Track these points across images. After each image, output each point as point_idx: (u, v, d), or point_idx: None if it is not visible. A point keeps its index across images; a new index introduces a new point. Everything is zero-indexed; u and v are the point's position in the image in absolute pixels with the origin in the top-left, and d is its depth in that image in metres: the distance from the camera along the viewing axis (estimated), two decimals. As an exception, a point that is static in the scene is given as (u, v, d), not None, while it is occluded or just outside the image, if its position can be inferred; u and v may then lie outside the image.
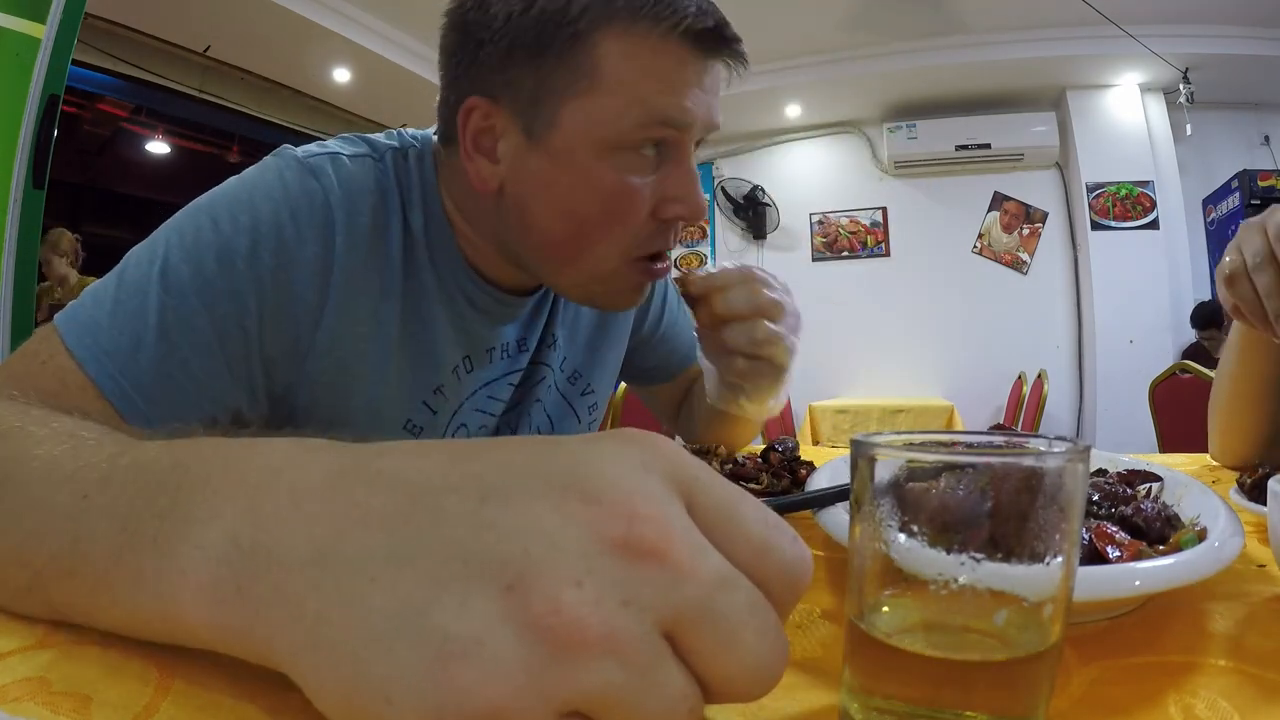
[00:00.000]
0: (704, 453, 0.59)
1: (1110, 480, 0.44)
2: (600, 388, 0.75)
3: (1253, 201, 3.79)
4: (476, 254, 0.59)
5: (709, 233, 5.09)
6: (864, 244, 4.70)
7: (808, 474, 0.51)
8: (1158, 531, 0.35)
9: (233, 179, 0.53)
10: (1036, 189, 4.42)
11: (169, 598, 0.22)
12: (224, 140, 4.75)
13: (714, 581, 0.18)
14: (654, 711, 0.17)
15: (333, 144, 0.57)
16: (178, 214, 0.51)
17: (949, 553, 0.19)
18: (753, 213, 4.80)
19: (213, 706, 0.22)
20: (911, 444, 0.23)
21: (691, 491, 0.20)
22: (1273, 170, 3.86)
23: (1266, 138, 4.02)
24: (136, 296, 0.47)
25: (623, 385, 0.90)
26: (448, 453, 0.21)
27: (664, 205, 0.54)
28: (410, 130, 0.61)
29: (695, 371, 0.85)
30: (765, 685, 0.18)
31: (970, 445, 0.24)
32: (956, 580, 0.19)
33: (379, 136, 0.59)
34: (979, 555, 0.19)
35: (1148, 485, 0.44)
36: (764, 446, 0.60)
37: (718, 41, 0.52)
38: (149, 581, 0.22)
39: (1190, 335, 3.84)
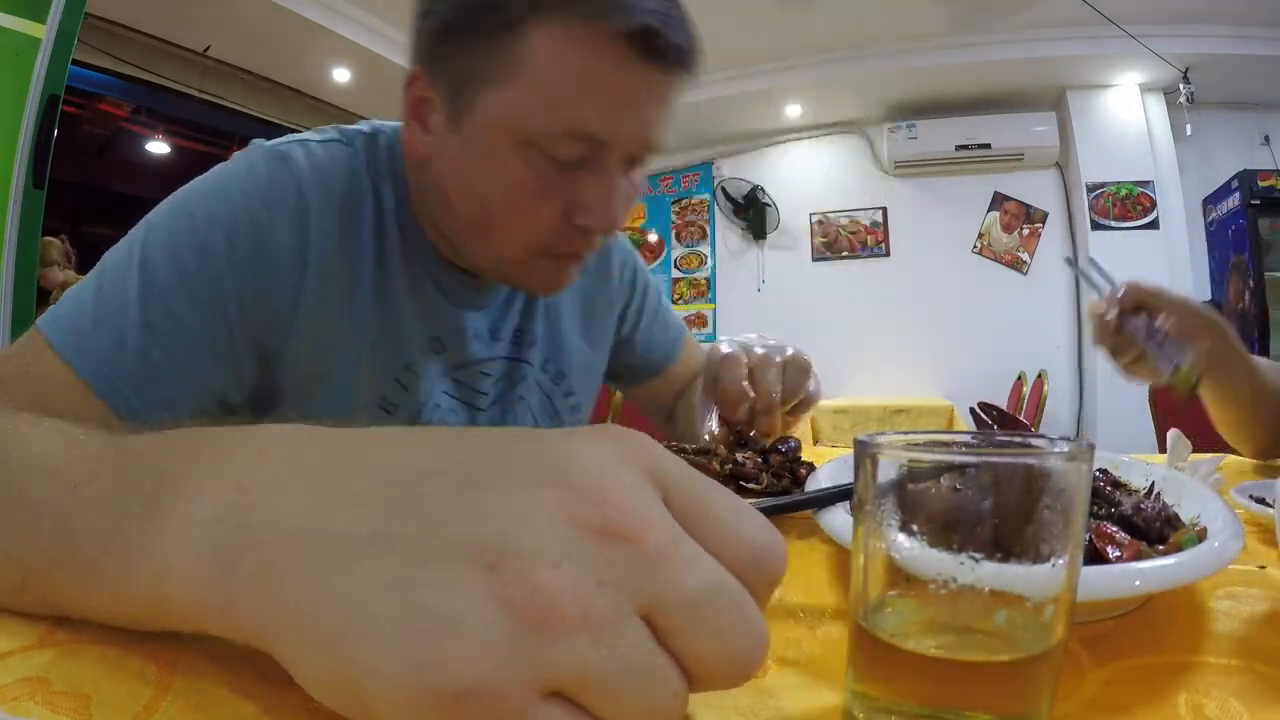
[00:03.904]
0: (704, 452, 0.59)
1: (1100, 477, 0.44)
2: (581, 388, 0.75)
3: (1253, 201, 3.79)
4: (439, 236, 0.60)
5: (709, 233, 5.09)
6: (864, 244, 4.70)
7: (808, 474, 0.51)
8: (1158, 531, 0.35)
9: (205, 174, 0.54)
10: (1036, 189, 4.42)
11: (154, 579, 0.22)
12: (224, 140, 4.75)
13: (689, 567, 0.18)
14: (635, 692, 0.17)
15: (304, 134, 0.58)
16: (152, 212, 0.52)
17: (952, 553, 0.19)
18: (753, 213, 4.80)
19: (212, 705, 0.22)
20: (914, 444, 0.23)
21: (667, 484, 0.20)
22: (1273, 170, 3.85)
23: (1266, 138, 4.02)
24: (117, 294, 0.48)
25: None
26: (432, 439, 0.21)
27: (575, 210, 0.52)
28: (383, 121, 0.62)
29: (683, 373, 0.86)
30: (744, 672, 0.19)
31: (972, 445, 0.24)
32: (959, 580, 0.19)
33: (352, 126, 0.60)
34: (982, 555, 0.19)
35: (1149, 484, 0.44)
36: (764, 446, 0.60)
37: (660, 47, 0.48)
38: (135, 564, 0.22)
39: (1190, 335, 3.84)
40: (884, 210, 4.68)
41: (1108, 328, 0.73)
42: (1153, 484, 0.43)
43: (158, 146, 4.91)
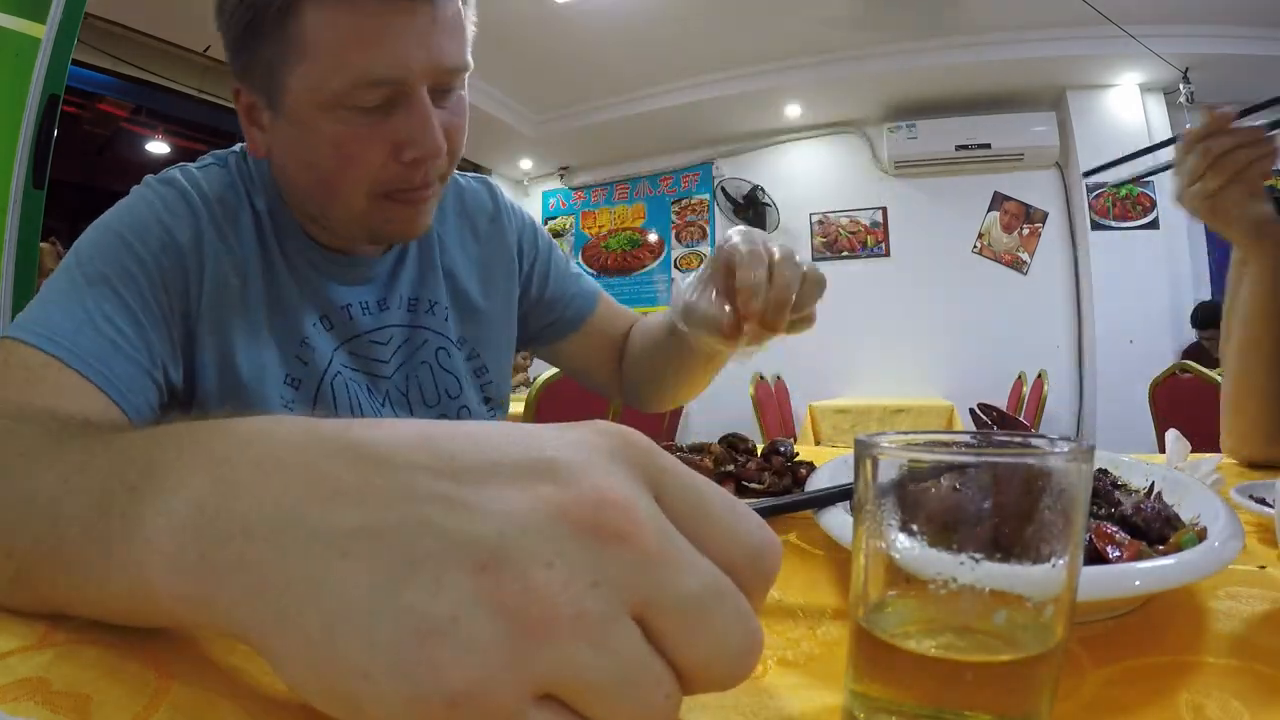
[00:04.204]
0: (698, 450, 0.59)
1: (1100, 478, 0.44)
2: (488, 353, 0.79)
3: (1253, 201, 3.78)
4: (309, 223, 0.67)
5: (709, 233, 5.09)
6: (864, 244, 4.70)
7: (808, 474, 0.51)
8: (1158, 531, 0.35)
9: (109, 209, 0.62)
10: (1036, 189, 4.42)
11: (135, 569, 0.22)
12: (224, 140, 4.72)
13: (682, 566, 0.18)
14: (627, 696, 0.17)
15: (184, 164, 0.67)
16: (74, 243, 0.60)
17: (952, 553, 0.19)
18: (753, 213, 4.80)
19: (210, 707, 0.22)
20: (914, 444, 0.23)
21: (660, 482, 0.20)
22: (1273, 170, 3.85)
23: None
24: (65, 293, 0.56)
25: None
26: (420, 431, 0.21)
27: (400, 149, 0.57)
28: None
29: (606, 330, 0.87)
30: (739, 673, 0.19)
31: (972, 445, 0.24)
32: (959, 580, 0.19)
33: (224, 150, 0.69)
34: (982, 555, 0.19)
35: (1149, 484, 0.44)
36: (764, 447, 0.60)
37: None
38: (117, 554, 0.22)
39: (1190, 335, 3.84)
40: (884, 210, 4.68)
41: (1223, 123, 0.67)
42: (1153, 484, 0.43)
43: (158, 146, 4.91)
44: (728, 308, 0.58)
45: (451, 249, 0.77)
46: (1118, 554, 0.31)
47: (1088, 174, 0.67)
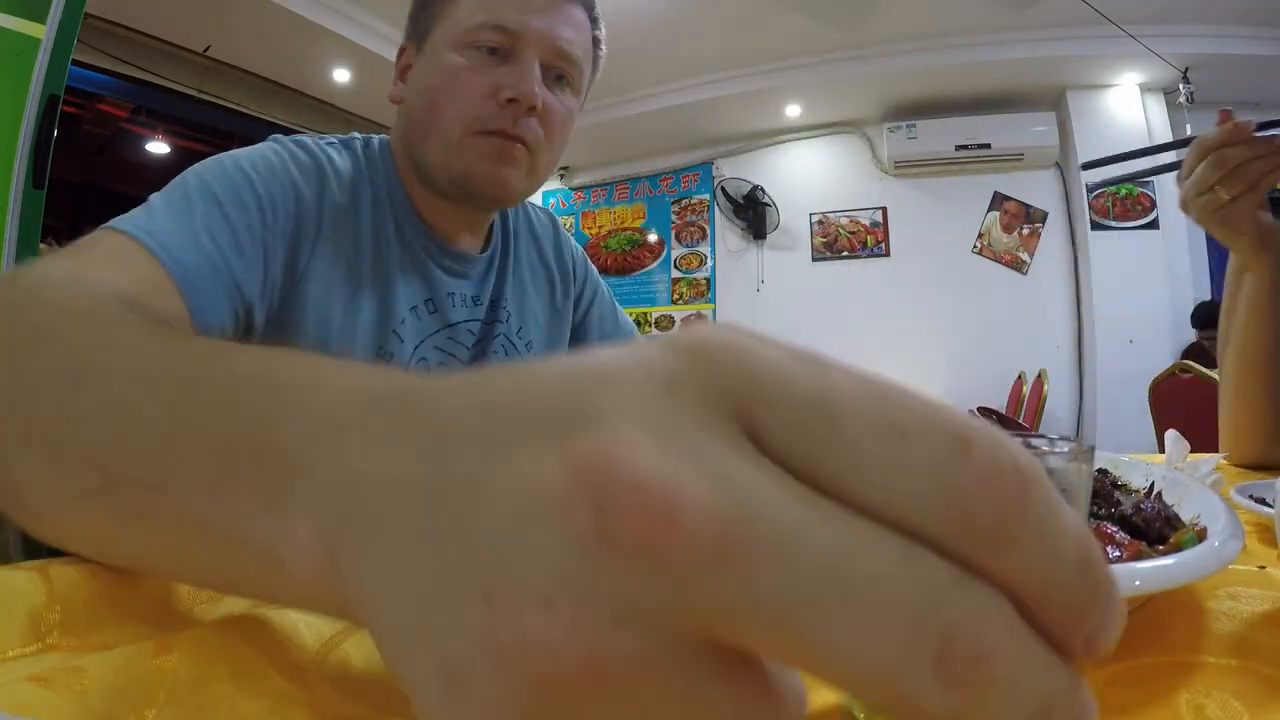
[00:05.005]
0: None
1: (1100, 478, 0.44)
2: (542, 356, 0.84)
3: (1253, 201, 3.78)
4: (430, 215, 0.72)
5: (709, 233, 5.09)
6: (864, 244, 4.70)
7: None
8: (1158, 531, 0.35)
9: (233, 151, 0.64)
10: (1036, 189, 4.42)
11: (267, 551, 0.17)
12: (224, 140, 4.75)
13: (768, 560, 0.11)
14: None
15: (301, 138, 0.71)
16: (191, 166, 0.60)
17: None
18: (753, 213, 4.80)
19: (213, 706, 0.22)
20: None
21: (753, 415, 0.13)
22: None
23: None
24: (176, 204, 0.56)
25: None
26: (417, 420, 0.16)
27: (500, 90, 0.66)
28: (373, 135, 0.77)
29: None
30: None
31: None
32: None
33: (346, 136, 0.74)
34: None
35: (1149, 484, 0.44)
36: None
37: None
38: (244, 529, 0.18)
39: (1190, 335, 3.84)
40: (884, 210, 4.68)
41: (1242, 134, 0.65)
42: (1153, 484, 0.43)
43: (158, 146, 4.91)
44: None
45: (524, 268, 0.82)
46: (1118, 554, 0.31)
47: (1086, 166, 0.68)
